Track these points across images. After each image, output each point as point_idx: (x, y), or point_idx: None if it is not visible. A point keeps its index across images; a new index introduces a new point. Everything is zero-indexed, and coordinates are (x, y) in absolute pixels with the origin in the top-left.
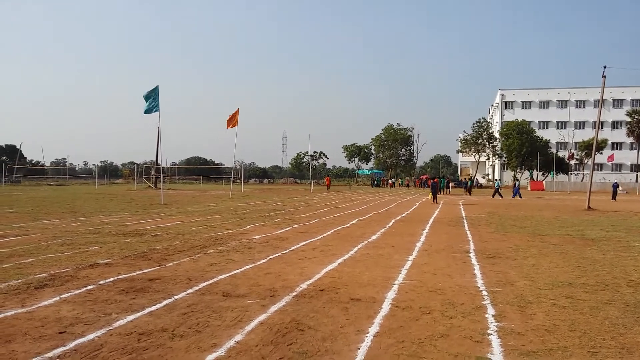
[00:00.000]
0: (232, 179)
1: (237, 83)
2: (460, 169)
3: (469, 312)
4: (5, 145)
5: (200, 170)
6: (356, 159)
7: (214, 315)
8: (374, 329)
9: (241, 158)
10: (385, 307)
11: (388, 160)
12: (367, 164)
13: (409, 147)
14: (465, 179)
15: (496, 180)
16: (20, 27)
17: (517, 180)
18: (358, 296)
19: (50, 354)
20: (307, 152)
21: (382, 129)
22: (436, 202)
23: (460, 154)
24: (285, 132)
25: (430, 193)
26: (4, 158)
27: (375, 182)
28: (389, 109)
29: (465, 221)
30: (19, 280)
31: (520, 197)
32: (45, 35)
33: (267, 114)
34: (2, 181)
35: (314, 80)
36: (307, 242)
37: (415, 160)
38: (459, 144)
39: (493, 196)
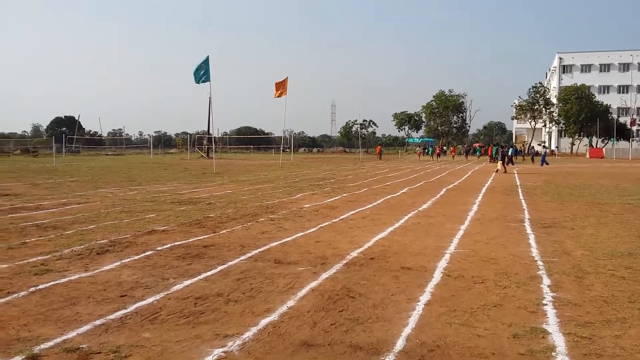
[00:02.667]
0: (281, 148)
1: (286, 51)
2: (515, 136)
3: (523, 282)
4: (65, 116)
5: (251, 139)
6: (406, 127)
7: (267, 282)
8: (425, 298)
9: (290, 127)
10: (437, 276)
11: (439, 128)
12: (417, 132)
13: (461, 115)
14: (516, 146)
15: (511, 146)
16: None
17: (545, 147)
18: (409, 265)
19: (112, 316)
20: (356, 121)
21: (434, 96)
22: (506, 172)
23: (515, 121)
24: (334, 100)
25: (500, 161)
26: (64, 129)
27: (426, 150)
28: (441, 75)
29: (520, 190)
30: (82, 246)
31: (547, 163)
32: (98, 8)
33: (316, 82)
34: (62, 151)
35: (363, 47)
36: (357, 210)
37: (467, 128)
38: (514, 110)
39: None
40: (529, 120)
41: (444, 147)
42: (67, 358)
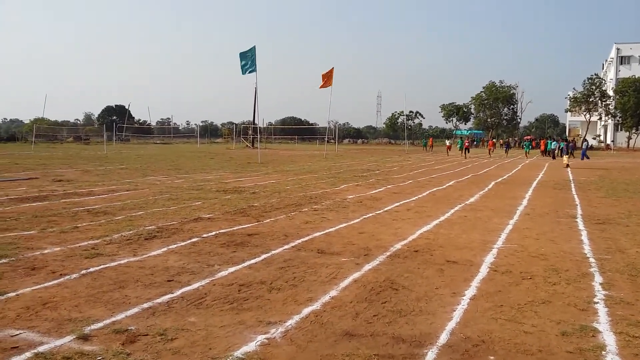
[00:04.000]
0: (326, 139)
1: (332, 42)
2: (569, 129)
3: (574, 279)
4: (116, 105)
5: (295, 130)
6: (454, 119)
7: (310, 271)
8: (470, 292)
9: (335, 118)
10: (483, 270)
11: (489, 120)
12: (465, 124)
13: (512, 106)
14: (573, 138)
15: (564, 140)
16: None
17: (586, 140)
18: (454, 258)
19: (159, 300)
20: (402, 112)
21: (483, 87)
22: (568, 167)
23: (568, 114)
24: (380, 91)
25: (566, 156)
26: (115, 117)
27: (475, 142)
28: (492, 65)
29: (572, 185)
30: (131, 232)
31: (588, 157)
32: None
33: (362, 73)
34: (113, 139)
35: (410, 37)
36: (402, 202)
37: (518, 120)
38: (568, 102)
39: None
40: (584, 113)
41: (494, 140)
42: (116, 339)
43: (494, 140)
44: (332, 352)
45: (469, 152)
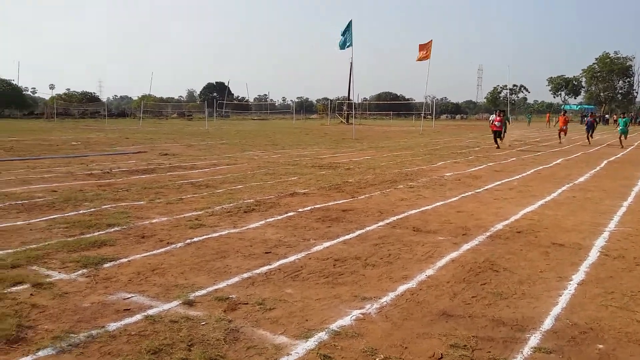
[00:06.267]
0: (422, 114)
1: (430, 13)
2: None
3: None
4: (216, 82)
5: (390, 105)
6: (562, 93)
7: (405, 249)
8: (578, 277)
9: (432, 93)
10: (593, 254)
11: (602, 94)
12: (575, 98)
13: (628, 80)
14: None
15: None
16: None
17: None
18: (561, 241)
19: (258, 271)
20: (505, 86)
21: (596, 59)
22: None
23: None
24: (482, 65)
25: None
26: (215, 94)
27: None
28: (605, 34)
29: None
30: (231, 204)
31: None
32: None
33: (462, 46)
34: (214, 115)
35: (514, 5)
36: (503, 181)
37: (635, 94)
38: None
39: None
40: None
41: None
42: (218, 306)
43: (566, 116)
44: (429, 331)
45: (502, 138)
